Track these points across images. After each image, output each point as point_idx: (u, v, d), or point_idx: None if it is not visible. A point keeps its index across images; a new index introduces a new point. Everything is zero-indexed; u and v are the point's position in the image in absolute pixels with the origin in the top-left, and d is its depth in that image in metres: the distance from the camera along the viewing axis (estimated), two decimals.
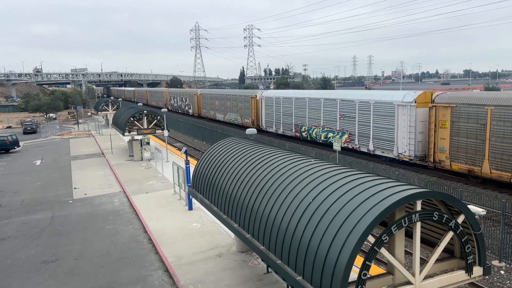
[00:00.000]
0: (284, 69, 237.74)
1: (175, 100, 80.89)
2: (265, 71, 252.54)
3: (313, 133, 37.75)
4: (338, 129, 34.57)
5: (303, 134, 39.30)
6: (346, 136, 33.58)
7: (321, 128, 36.55)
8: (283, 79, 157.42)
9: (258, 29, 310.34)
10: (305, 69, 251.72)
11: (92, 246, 16.57)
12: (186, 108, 74.78)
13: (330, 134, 35.15)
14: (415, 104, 27.06)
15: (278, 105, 43.63)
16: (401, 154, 28.17)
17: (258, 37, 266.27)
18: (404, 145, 27.87)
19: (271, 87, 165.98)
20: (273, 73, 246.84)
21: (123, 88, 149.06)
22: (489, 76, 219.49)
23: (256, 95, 49.12)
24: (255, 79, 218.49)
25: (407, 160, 27.85)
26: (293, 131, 40.88)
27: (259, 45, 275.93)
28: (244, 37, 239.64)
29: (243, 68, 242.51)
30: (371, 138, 30.98)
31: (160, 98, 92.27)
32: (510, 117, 21.25)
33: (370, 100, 31.10)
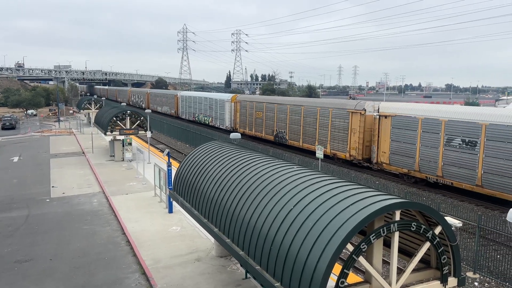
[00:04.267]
0: (270, 75, 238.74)
1: (134, 97, 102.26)
2: (251, 76, 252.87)
3: (199, 118, 61.85)
4: (208, 114, 58.72)
5: (196, 118, 63.23)
6: (211, 118, 57.74)
7: (202, 115, 60.87)
8: (269, 85, 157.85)
9: (246, 34, 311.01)
10: (291, 76, 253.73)
11: (68, 247, 16.24)
12: (140, 103, 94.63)
13: (206, 118, 59.49)
14: (230, 100, 52.11)
15: (186, 101, 68.12)
16: (227, 127, 52.35)
17: (246, 42, 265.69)
18: (227, 122, 52.76)
19: (257, 92, 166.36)
20: (260, 78, 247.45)
21: (101, 87, 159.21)
22: (470, 91, 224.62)
23: (177, 94, 73.15)
24: (241, 84, 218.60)
25: (229, 130, 50.60)
26: (192, 117, 64.79)
27: (246, 50, 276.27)
28: (232, 42, 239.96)
29: (229, 72, 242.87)
30: (218, 119, 55.43)
31: (125, 96, 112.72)
32: (260, 109, 44.95)
33: (217, 98, 56.10)
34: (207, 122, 58.22)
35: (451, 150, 23.86)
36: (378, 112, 29.24)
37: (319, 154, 24.21)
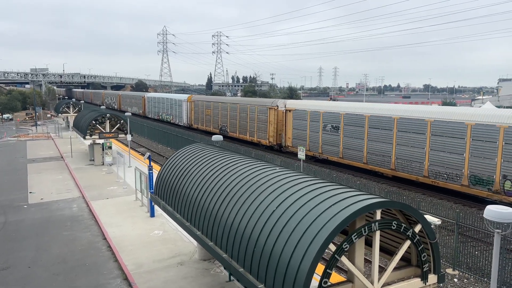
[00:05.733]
0: (251, 77, 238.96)
1: (108, 99, 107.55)
2: (232, 78, 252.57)
3: (163, 116, 68.73)
4: (169, 113, 65.64)
5: (160, 117, 70.10)
6: (171, 117, 64.68)
7: (165, 113, 67.81)
8: (250, 87, 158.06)
9: (226, 36, 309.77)
10: (272, 78, 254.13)
11: (48, 253, 15.89)
12: (113, 104, 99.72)
13: (168, 116, 66.25)
14: (187, 100, 58.88)
15: (151, 102, 75.49)
16: (185, 123, 59.42)
17: (227, 44, 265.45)
18: (185, 119, 59.75)
19: (238, 94, 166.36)
20: (241, 80, 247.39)
21: (79, 90, 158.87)
22: (447, 91, 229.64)
23: (144, 96, 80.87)
24: (222, 86, 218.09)
25: (186, 126, 58.52)
26: (157, 116, 71.87)
27: (227, 52, 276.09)
28: (213, 44, 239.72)
29: (210, 74, 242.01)
30: (177, 117, 62.48)
31: (99, 98, 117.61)
32: (209, 107, 52.08)
33: (177, 99, 63.01)
34: (169, 120, 65.48)
35: (326, 133, 32.68)
36: (285, 108, 37.56)
37: (301, 155, 24.35)
